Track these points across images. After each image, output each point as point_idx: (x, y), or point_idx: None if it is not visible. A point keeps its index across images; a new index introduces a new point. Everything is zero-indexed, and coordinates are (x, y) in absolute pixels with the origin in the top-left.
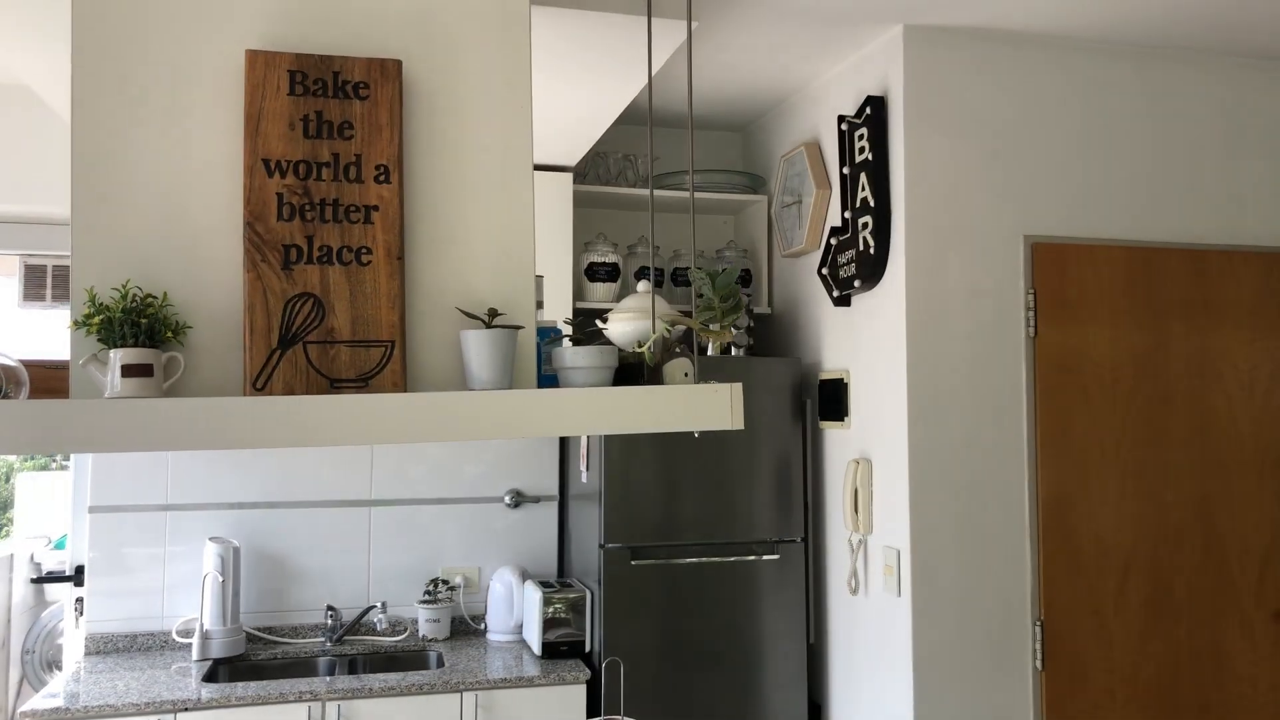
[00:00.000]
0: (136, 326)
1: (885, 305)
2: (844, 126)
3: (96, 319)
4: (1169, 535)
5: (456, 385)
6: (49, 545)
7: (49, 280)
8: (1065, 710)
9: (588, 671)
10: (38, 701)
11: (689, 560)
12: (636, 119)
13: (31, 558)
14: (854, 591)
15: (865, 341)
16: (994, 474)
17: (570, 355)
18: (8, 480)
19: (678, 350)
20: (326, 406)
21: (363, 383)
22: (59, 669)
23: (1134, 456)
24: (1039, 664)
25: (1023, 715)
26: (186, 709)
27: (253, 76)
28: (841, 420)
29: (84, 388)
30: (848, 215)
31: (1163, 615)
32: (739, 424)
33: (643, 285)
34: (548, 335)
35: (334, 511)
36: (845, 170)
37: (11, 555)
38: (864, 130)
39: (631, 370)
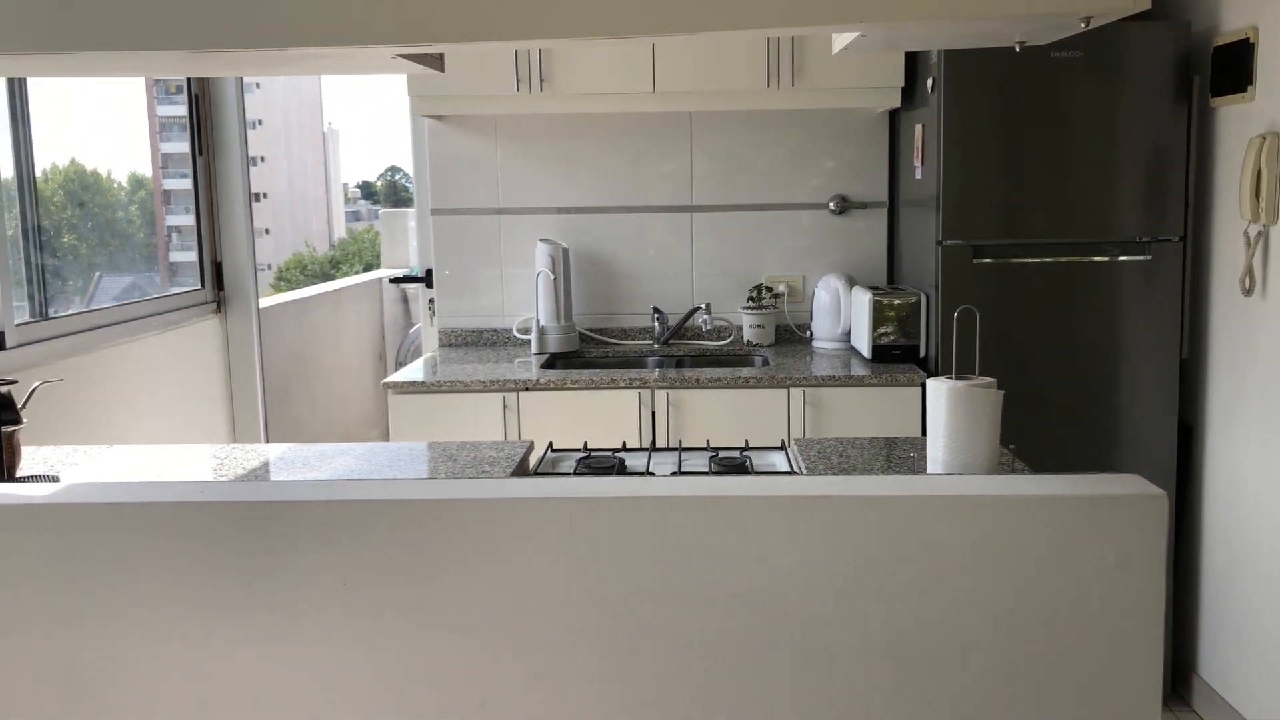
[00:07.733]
0: None
1: None
2: None
3: None
4: None
5: None
6: (410, 272)
7: None
8: None
9: (923, 374)
10: (398, 375)
11: (1040, 260)
12: None
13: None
14: (1247, 292)
15: None
16: None
17: None
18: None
19: None
20: None
21: None
22: None
23: None
24: None
25: None
26: (527, 389)
27: None
28: (1243, 91)
29: None
30: None
31: None
32: (1145, 3)
33: None
34: None
35: (655, 217)
36: None
37: (381, 280)
38: None
39: None
